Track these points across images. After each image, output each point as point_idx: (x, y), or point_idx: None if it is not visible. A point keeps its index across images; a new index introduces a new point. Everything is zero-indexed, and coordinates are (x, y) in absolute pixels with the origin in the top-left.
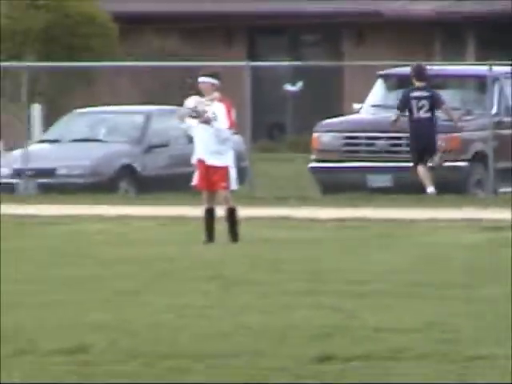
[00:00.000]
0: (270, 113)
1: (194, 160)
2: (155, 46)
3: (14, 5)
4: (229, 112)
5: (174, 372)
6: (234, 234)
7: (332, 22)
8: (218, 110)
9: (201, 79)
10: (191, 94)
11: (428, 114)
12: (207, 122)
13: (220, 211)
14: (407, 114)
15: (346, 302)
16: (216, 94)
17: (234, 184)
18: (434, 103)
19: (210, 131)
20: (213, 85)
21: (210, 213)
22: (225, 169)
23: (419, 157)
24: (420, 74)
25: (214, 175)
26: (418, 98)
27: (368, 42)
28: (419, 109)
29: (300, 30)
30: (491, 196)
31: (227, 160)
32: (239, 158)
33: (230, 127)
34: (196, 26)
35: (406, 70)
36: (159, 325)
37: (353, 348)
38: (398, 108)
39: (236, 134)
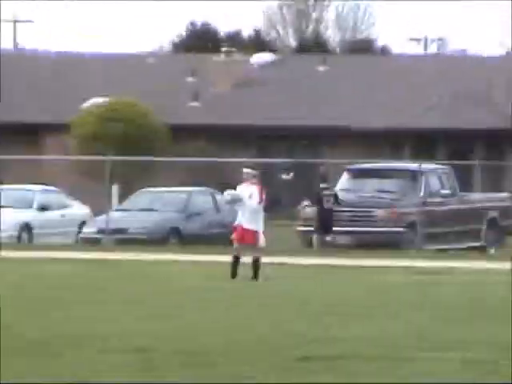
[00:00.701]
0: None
1: (236, 223)
2: (194, 147)
3: (100, 118)
4: (261, 192)
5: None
6: (256, 275)
7: (316, 133)
8: (254, 190)
9: (245, 170)
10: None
11: (330, 205)
12: (240, 200)
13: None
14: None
15: (322, 319)
16: (253, 180)
17: (262, 242)
18: (336, 198)
19: (246, 207)
20: (252, 174)
21: (237, 259)
22: (256, 232)
23: (323, 229)
24: (324, 177)
25: (246, 235)
26: (326, 195)
27: (339, 146)
28: (327, 201)
29: (293, 138)
30: (419, 251)
31: (258, 226)
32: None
33: (260, 202)
34: (222, 134)
35: (365, 166)
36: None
37: (325, 351)
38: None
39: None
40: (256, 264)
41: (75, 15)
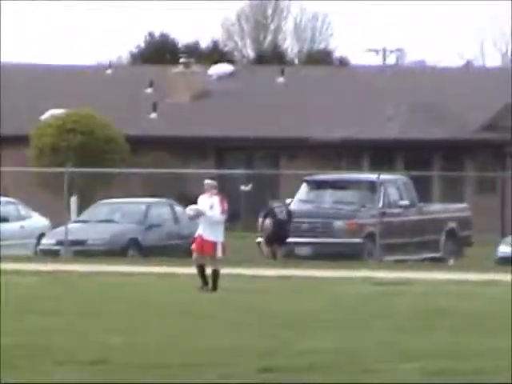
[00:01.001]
0: (230, 204)
1: (196, 234)
2: (153, 158)
3: (58, 130)
4: (221, 202)
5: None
6: (215, 285)
7: (274, 144)
8: (214, 201)
9: (206, 181)
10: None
11: (283, 216)
12: (203, 214)
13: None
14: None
15: (281, 332)
16: (214, 191)
17: (220, 253)
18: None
19: (206, 218)
20: (213, 185)
21: (201, 267)
22: (215, 243)
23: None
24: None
25: (206, 246)
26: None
27: (297, 157)
28: (280, 213)
29: (252, 150)
30: (378, 262)
31: (218, 237)
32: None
33: (222, 212)
34: (181, 145)
35: (324, 177)
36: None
37: (286, 363)
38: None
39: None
40: (215, 275)
41: (33, 25)
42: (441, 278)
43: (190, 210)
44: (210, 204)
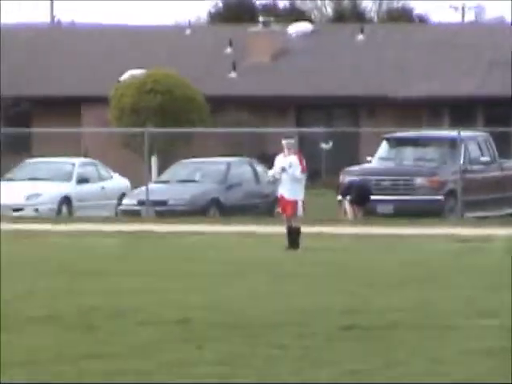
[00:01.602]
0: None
1: (279, 195)
2: (233, 118)
3: (139, 90)
4: (301, 161)
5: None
6: (297, 243)
7: (354, 102)
8: (293, 160)
9: (284, 140)
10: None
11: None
12: (285, 171)
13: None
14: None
15: (362, 290)
16: (292, 150)
17: (300, 211)
18: None
19: (287, 177)
20: (291, 144)
21: (290, 228)
22: (295, 201)
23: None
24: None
25: (287, 205)
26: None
27: (377, 115)
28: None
29: (331, 108)
30: (459, 219)
31: (298, 195)
32: None
33: (302, 171)
34: (261, 105)
35: (404, 134)
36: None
37: (367, 321)
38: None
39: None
40: (296, 233)
41: None
42: None
43: (272, 175)
44: (288, 163)
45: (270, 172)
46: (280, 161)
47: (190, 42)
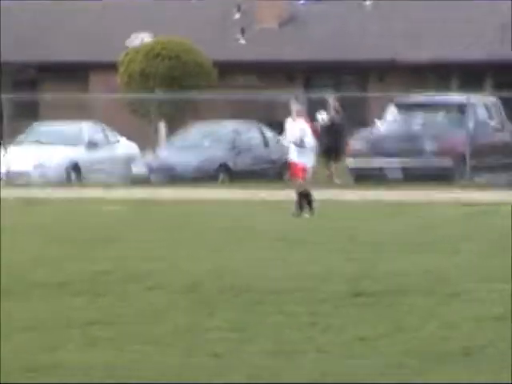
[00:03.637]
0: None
1: (290, 160)
2: (242, 83)
3: (147, 56)
4: (311, 127)
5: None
6: (302, 208)
7: (362, 67)
8: (303, 126)
9: (292, 105)
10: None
11: None
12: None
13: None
14: None
15: (371, 255)
16: (301, 114)
17: (309, 176)
18: None
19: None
20: (300, 108)
21: (301, 194)
22: (304, 166)
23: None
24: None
25: (296, 170)
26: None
27: (385, 80)
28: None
29: (340, 73)
30: (468, 183)
31: (309, 161)
32: None
33: (313, 138)
34: (269, 70)
35: (412, 99)
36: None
37: (378, 286)
38: None
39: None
40: (308, 198)
41: None
42: None
43: (292, 142)
44: (299, 129)
45: (285, 142)
46: (291, 125)
47: (199, 7)
